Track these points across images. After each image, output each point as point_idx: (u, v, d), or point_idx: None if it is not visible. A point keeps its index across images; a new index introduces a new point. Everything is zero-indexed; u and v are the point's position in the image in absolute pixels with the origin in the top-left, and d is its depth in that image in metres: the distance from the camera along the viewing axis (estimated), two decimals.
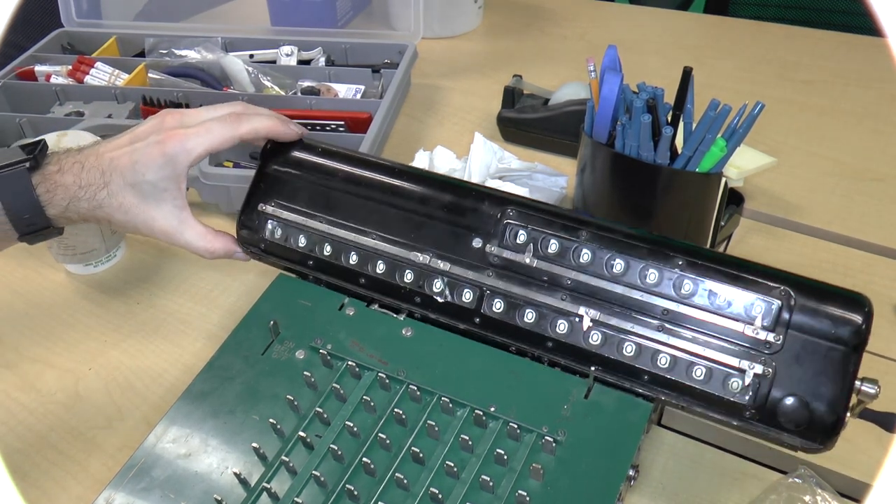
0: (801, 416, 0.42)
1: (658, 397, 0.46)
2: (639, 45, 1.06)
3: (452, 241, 0.51)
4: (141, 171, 0.51)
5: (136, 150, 0.52)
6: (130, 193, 0.52)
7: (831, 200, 0.75)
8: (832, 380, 0.42)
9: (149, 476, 0.45)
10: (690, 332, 0.45)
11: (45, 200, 0.50)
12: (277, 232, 0.55)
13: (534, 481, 0.43)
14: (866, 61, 1.00)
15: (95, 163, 0.52)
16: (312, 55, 0.93)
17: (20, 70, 0.87)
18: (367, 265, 0.52)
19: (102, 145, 0.53)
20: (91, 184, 0.51)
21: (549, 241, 0.49)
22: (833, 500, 0.44)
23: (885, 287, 0.65)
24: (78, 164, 0.51)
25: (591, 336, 0.47)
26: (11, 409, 0.56)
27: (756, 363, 0.43)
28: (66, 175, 0.51)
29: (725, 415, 0.44)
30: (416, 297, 0.51)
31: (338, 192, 0.54)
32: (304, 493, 0.44)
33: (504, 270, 0.49)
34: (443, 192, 0.52)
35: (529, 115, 0.83)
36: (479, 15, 1.13)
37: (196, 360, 0.59)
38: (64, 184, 0.51)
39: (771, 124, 0.86)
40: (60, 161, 0.52)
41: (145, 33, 0.95)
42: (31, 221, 0.51)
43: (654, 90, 0.57)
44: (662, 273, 0.46)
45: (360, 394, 0.48)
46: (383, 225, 0.53)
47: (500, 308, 0.49)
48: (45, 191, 0.50)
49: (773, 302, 0.44)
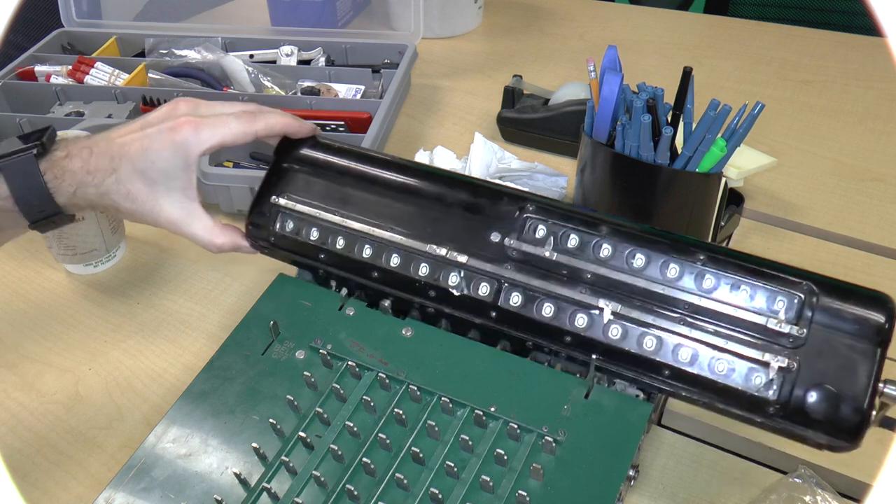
0: (827, 412, 0.41)
1: (679, 393, 0.45)
2: (639, 45, 1.06)
3: (470, 234, 0.50)
4: (151, 157, 0.50)
5: (148, 135, 0.51)
6: (139, 181, 0.51)
7: (831, 200, 0.75)
8: (858, 375, 0.41)
9: (149, 476, 0.45)
10: (712, 325, 0.44)
11: (53, 187, 0.49)
12: (289, 225, 0.55)
13: (534, 481, 0.43)
14: (866, 61, 1.00)
15: (105, 148, 0.50)
16: (312, 55, 0.93)
17: (20, 70, 0.87)
18: (381, 258, 0.52)
19: (113, 130, 0.52)
20: (99, 169, 0.50)
21: (570, 235, 0.48)
22: (833, 500, 0.44)
23: (885, 287, 0.64)
24: (87, 150, 0.50)
25: (611, 329, 0.46)
26: (11, 409, 0.56)
27: (780, 356, 0.42)
28: (74, 160, 0.50)
29: (749, 411, 0.43)
30: (431, 291, 0.51)
31: (353, 188, 0.54)
32: (304, 493, 0.44)
33: (523, 264, 0.49)
34: (460, 187, 0.52)
35: (529, 115, 0.83)
36: (478, 15, 1.13)
37: (196, 360, 0.59)
38: (71, 169, 0.50)
39: (771, 124, 0.86)
40: (69, 147, 0.51)
41: (145, 33, 0.95)
42: (41, 209, 0.50)
43: (654, 90, 0.57)
44: (684, 267, 0.45)
45: (360, 394, 0.48)
46: (399, 219, 0.52)
47: (517, 301, 0.48)
48: (52, 177, 0.49)
49: (796, 295, 0.43)
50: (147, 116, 0.53)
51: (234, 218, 0.56)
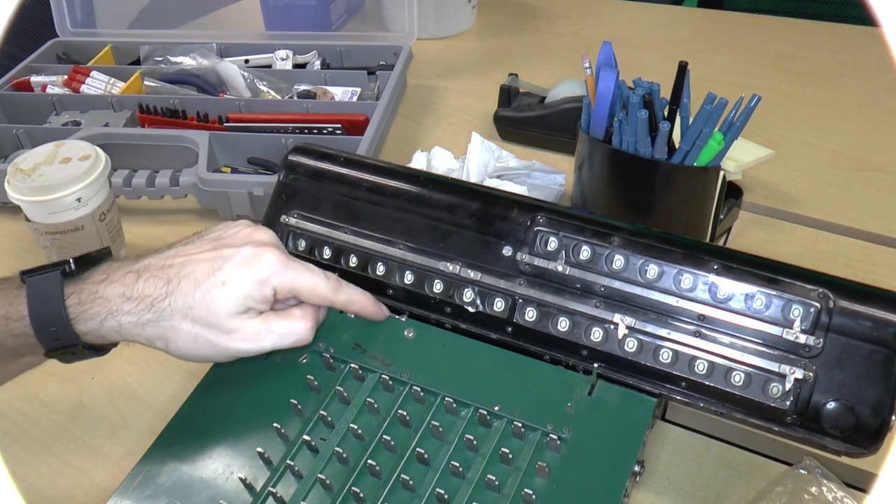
0: (844, 420, 0.41)
1: (696, 404, 0.45)
2: (634, 40, 1.06)
3: (481, 249, 0.51)
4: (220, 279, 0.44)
5: (223, 256, 0.45)
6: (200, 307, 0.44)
7: (830, 191, 0.75)
8: (876, 383, 0.41)
9: (154, 483, 0.45)
10: (728, 336, 0.45)
11: (74, 313, 0.43)
12: (301, 244, 0.55)
13: (539, 480, 0.43)
14: (861, 51, 1.00)
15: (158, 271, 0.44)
16: (307, 59, 0.94)
17: (16, 81, 0.87)
18: (394, 276, 0.52)
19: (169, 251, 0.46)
20: (148, 295, 0.44)
21: (581, 247, 0.48)
22: (839, 491, 0.44)
23: (886, 276, 0.65)
24: (133, 274, 0.44)
25: (627, 343, 0.46)
26: (15, 419, 0.56)
27: (796, 367, 0.42)
28: (112, 286, 0.44)
29: (766, 420, 0.43)
30: (447, 308, 0.51)
31: (362, 202, 0.54)
32: (309, 496, 0.44)
33: (535, 278, 0.49)
34: (470, 200, 0.52)
35: (526, 113, 0.83)
36: (472, 15, 1.13)
37: (199, 366, 0.59)
38: (105, 296, 0.44)
39: (768, 116, 0.86)
40: (109, 269, 0.45)
41: (140, 41, 0.96)
42: (57, 336, 0.43)
43: (650, 85, 0.57)
44: (697, 277, 0.46)
45: (364, 396, 0.48)
46: (410, 235, 0.52)
47: (532, 317, 0.49)
48: (76, 302, 0.43)
49: (811, 304, 0.43)
50: (217, 236, 0.47)
51: None
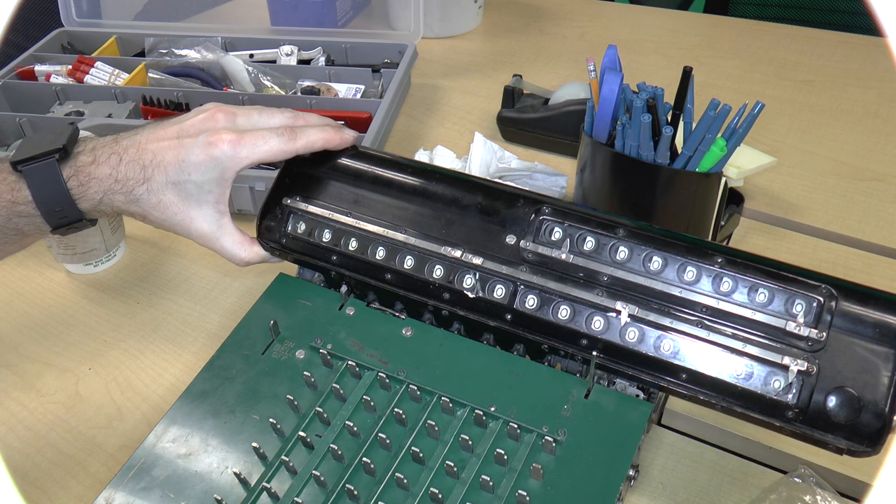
0: (847, 416, 0.41)
1: (697, 396, 0.45)
2: (639, 44, 1.06)
3: (485, 237, 0.50)
4: (187, 170, 0.50)
5: (184, 146, 0.50)
6: (172, 192, 0.50)
7: (831, 200, 0.75)
8: (879, 380, 0.41)
9: (149, 475, 0.45)
10: (730, 328, 0.44)
11: (77, 194, 0.48)
12: (301, 226, 0.54)
13: (534, 481, 0.43)
14: (866, 61, 1.00)
15: (136, 155, 0.49)
16: (312, 55, 0.93)
17: (20, 70, 0.87)
18: (394, 260, 0.52)
19: (143, 135, 0.51)
20: (129, 177, 0.49)
21: (586, 237, 0.48)
22: (833, 500, 0.44)
23: (885, 287, 0.64)
24: (115, 156, 0.49)
25: (628, 332, 0.46)
26: (11, 408, 0.56)
27: (799, 360, 0.42)
28: (101, 167, 0.49)
29: (767, 415, 0.43)
30: (445, 294, 0.50)
31: (366, 189, 0.54)
32: (304, 492, 0.44)
33: (538, 266, 0.49)
34: (475, 189, 0.52)
35: (529, 114, 0.83)
36: (478, 15, 1.13)
37: (196, 359, 0.59)
38: (98, 176, 0.49)
39: (771, 124, 0.86)
40: (95, 151, 0.50)
41: (145, 33, 0.95)
42: (63, 214, 0.49)
43: (654, 90, 0.57)
44: (701, 270, 0.45)
45: (360, 393, 0.48)
46: (413, 221, 0.52)
47: (533, 304, 0.48)
48: (77, 184, 0.48)
49: (814, 298, 0.43)
50: (182, 122, 0.51)
51: (234, 217, 0.55)
